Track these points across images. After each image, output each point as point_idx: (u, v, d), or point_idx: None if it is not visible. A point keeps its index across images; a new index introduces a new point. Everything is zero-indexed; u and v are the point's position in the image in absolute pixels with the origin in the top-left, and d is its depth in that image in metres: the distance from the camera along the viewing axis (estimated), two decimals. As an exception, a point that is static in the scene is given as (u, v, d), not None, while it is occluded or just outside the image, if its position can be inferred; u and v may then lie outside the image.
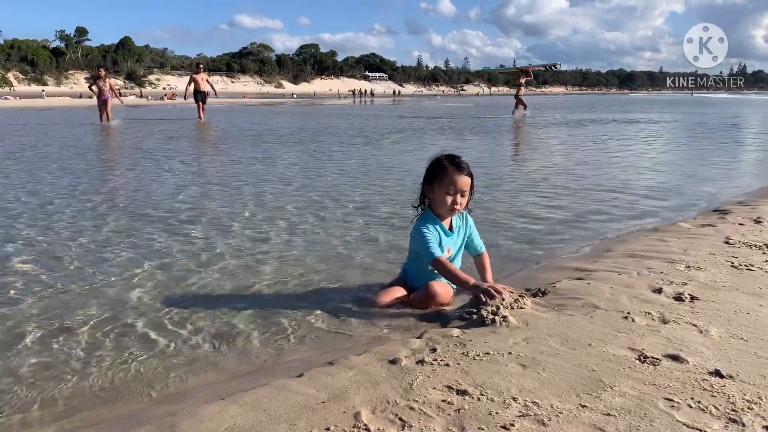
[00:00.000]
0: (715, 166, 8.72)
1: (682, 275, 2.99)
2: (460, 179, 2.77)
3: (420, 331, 2.46)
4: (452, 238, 2.91)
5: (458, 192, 2.78)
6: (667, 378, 1.85)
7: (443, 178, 2.78)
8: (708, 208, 5.34)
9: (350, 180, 7.17)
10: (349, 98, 76.99)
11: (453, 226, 2.94)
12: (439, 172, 2.81)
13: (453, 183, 2.77)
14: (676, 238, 3.93)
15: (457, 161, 2.81)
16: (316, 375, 1.99)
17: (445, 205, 2.81)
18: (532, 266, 3.58)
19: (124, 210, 5.26)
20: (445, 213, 2.85)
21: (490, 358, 2.04)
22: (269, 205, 5.49)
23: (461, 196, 2.80)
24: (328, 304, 2.89)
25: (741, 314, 2.42)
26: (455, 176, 2.77)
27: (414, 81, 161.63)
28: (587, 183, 6.91)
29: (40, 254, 3.80)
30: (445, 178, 2.78)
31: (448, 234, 2.90)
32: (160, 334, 2.57)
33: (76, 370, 2.25)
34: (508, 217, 4.97)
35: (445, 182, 2.78)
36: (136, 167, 8.39)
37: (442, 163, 2.82)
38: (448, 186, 2.77)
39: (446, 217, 2.89)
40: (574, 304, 2.61)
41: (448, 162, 2.80)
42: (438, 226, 2.86)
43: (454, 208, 2.81)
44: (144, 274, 3.40)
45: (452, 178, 2.77)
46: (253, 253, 3.84)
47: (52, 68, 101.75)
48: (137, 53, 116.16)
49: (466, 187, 2.80)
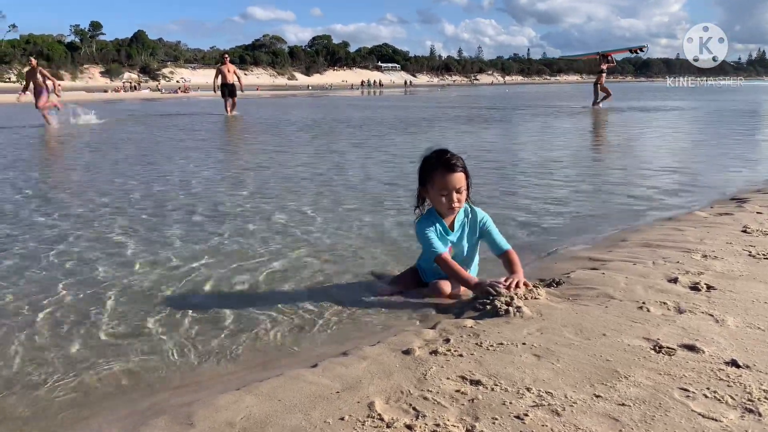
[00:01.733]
0: (732, 153, 8.59)
1: (699, 264, 2.96)
2: (453, 178, 2.67)
3: (433, 321, 2.47)
4: (452, 236, 2.84)
5: (453, 191, 2.69)
6: (682, 368, 1.84)
7: (435, 179, 2.70)
8: (725, 196, 5.27)
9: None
10: (356, 89, 76.44)
11: (455, 223, 2.85)
12: (429, 173, 2.72)
13: (446, 184, 2.68)
14: (692, 227, 3.89)
15: (447, 158, 2.69)
16: (330, 365, 2.01)
17: (442, 206, 2.74)
18: (546, 256, 3.56)
19: (147, 203, 5.31)
20: (445, 212, 2.79)
21: (504, 349, 2.04)
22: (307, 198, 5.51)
23: (458, 193, 2.70)
24: (342, 295, 2.90)
25: (758, 303, 2.39)
26: (447, 176, 2.67)
27: (427, 71, 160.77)
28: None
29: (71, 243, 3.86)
30: (437, 180, 2.69)
31: (448, 232, 2.83)
32: (176, 325, 2.60)
33: (93, 360, 2.28)
34: (527, 205, 4.95)
35: (437, 183, 2.69)
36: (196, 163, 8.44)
37: (432, 164, 2.71)
38: (441, 187, 2.69)
39: (448, 215, 2.81)
40: (589, 294, 2.60)
41: (438, 162, 2.70)
42: (438, 224, 2.81)
43: (452, 207, 2.73)
44: (159, 266, 3.44)
45: (444, 178, 2.67)
46: (269, 243, 3.86)
47: (67, 63, 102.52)
48: (151, 47, 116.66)
49: (461, 184, 2.70)
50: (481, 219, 2.89)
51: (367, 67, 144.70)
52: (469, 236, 2.89)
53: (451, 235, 2.84)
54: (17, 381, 2.14)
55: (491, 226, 2.90)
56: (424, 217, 2.84)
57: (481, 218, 2.89)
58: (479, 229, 2.89)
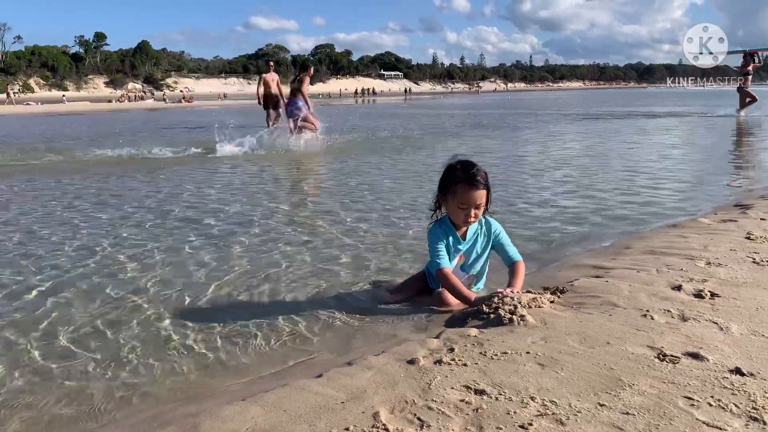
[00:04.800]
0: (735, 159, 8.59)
1: (702, 272, 2.96)
2: (475, 194, 2.66)
3: (438, 330, 2.47)
4: (464, 246, 2.84)
5: (472, 207, 2.69)
6: (686, 376, 1.84)
7: (456, 192, 2.68)
8: (729, 202, 5.27)
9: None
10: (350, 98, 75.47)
11: (468, 232, 2.85)
12: (452, 184, 2.70)
13: (466, 199, 2.67)
14: (696, 233, 3.89)
15: (472, 174, 2.66)
16: (335, 375, 2.01)
17: (459, 218, 2.74)
18: (550, 264, 3.57)
19: (170, 214, 5.34)
20: (460, 224, 2.79)
21: (508, 358, 2.05)
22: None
23: (476, 209, 2.71)
24: (346, 304, 2.91)
25: (762, 311, 2.39)
26: (469, 192, 2.66)
27: (429, 79, 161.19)
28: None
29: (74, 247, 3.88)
30: (458, 193, 2.67)
31: (460, 242, 2.83)
32: (182, 337, 2.62)
33: (100, 371, 2.30)
34: (531, 210, 4.95)
35: (458, 196, 2.68)
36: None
37: (456, 176, 2.69)
38: (461, 201, 2.68)
39: (462, 227, 2.82)
40: (593, 302, 2.60)
41: (462, 174, 2.68)
42: (451, 234, 2.81)
43: (468, 221, 2.74)
44: (164, 277, 3.46)
45: (466, 193, 2.66)
46: (274, 253, 3.88)
47: (72, 73, 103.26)
48: (155, 57, 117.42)
49: (481, 200, 2.69)
50: (495, 230, 2.88)
51: (369, 76, 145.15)
52: (482, 246, 2.88)
53: (463, 244, 2.84)
54: (22, 394, 2.16)
55: (504, 237, 2.90)
56: (437, 225, 2.84)
57: (495, 229, 2.88)
58: (492, 239, 2.89)
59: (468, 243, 2.85)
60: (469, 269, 2.89)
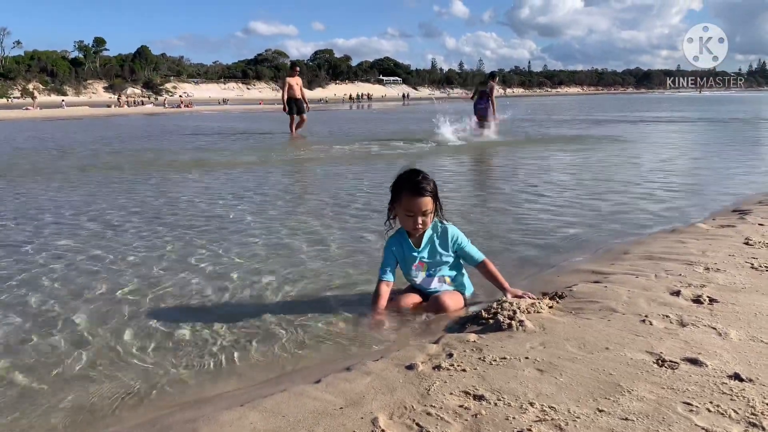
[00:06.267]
0: (734, 164, 8.61)
1: (701, 277, 2.97)
2: (420, 201, 2.74)
3: (436, 336, 2.47)
4: (419, 252, 2.90)
5: (419, 214, 2.76)
6: (685, 382, 1.84)
7: (402, 200, 2.79)
8: (727, 208, 5.28)
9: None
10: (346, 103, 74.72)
11: (422, 239, 2.90)
12: (398, 193, 2.80)
13: (412, 206, 2.76)
14: (695, 239, 3.89)
15: (417, 181, 2.75)
16: (334, 381, 2.01)
17: (408, 225, 2.84)
18: (549, 269, 3.57)
19: (146, 218, 5.34)
20: (410, 231, 2.87)
21: (507, 363, 2.05)
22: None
23: (423, 216, 2.78)
24: (345, 310, 2.91)
25: (761, 316, 2.39)
26: (414, 199, 2.74)
27: (428, 84, 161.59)
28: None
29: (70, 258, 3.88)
30: (404, 201, 2.78)
31: (414, 249, 2.90)
32: (179, 342, 2.62)
33: (99, 376, 2.29)
34: (526, 218, 4.96)
35: (404, 204, 2.78)
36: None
37: (401, 184, 2.79)
38: (407, 208, 2.77)
39: (414, 234, 2.89)
40: (591, 307, 2.60)
41: (407, 183, 2.77)
42: (404, 242, 2.90)
43: (417, 228, 2.82)
44: (164, 282, 3.46)
45: (411, 200, 2.75)
46: (270, 259, 3.88)
47: (71, 78, 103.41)
48: (154, 62, 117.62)
49: (427, 207, 2.77)
50: (453, 236, 2.92)
51: (368, 81, 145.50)
52: (441, 252, 2.91)
53: (417, 251, 2.90)
54: (22, 398, 2.15)
55: (464, 240, 2.95)
56: (393, 236, 2.95)
57: (452, 235, 2.92)
58: (452, 245, 2.92)
59: (423, 250, 2.90)
60: (437, 273, 2.93)
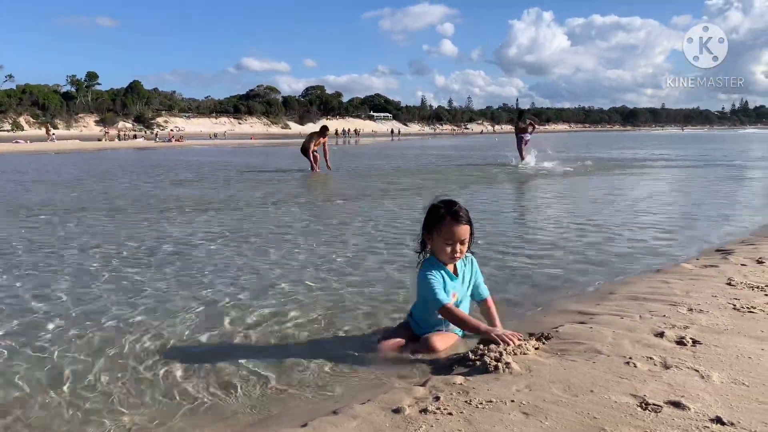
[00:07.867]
0: (718, 202, 8.75)
1: (684, 318, 3.01)
2: (459, 229, 2.78)
3: (424, 378, 2.48)
4: (457, 282, 2.91)
5: (457, 242, 2.79)
6: (668, 425, 1.86)
7: (441, 228, 2.80)
8: (711, 247, 5.36)
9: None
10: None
11: (458, 269, 2.94)
12: (436, 222, 2.82)
13: (452, 234, 2.78)
14: (679, 279, 3.95)
15: (455, 210, 2.80)
16: (321, 425, 2.01)
17: (445, 254, 2.83)
18: (536, 309, 3.60)
19: (126, 259, 5.33)
20: (446, 261, 2.87)
21: (493, 406, 2.06)
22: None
23: (461, 245, 2.81)
24: (332, 352, 2.91)
25: (742, 359, 2.43)
26: (453, 227, 2.77)
27: (418, 120, 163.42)
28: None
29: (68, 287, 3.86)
30: (443, 229, 2.79)
31: (453, 278, 2.90)
32: (165, 385, 2.60)
33: (74, 412, 2.27)
34: (516, 255, 5.00)
35: (443, 233, 2.79)
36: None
37: (439, 213, 2.82)
38: (446, 237, 2.79)
39: (448, 264, 2.90)
40: (577, 348, 2.63)
41: (445, 211, 2.80)
42: (443, 270, 2.88)
43: (454, 257, 2.83)
44: (147, 323, 3.44)
45: (450, 229, 2.78)
46: (260, 298, 3.88)
47: (62, 112, 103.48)
48: (146, 96, 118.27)
49: (465, 236, 2.81)
50: (476, 267, 3.03)
51: (359, 117, 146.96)
52: (469, 283, 2.99)
53: (456, 280, 2.92)
54: None
55: (480, 273, 3.05)
56: (427, 264, 2.90)
57: (476, 267, 3.03)
58: (474, 275, 3.01)
59: (459, 279, 2.93)
60: (461, 304, 2.94)
